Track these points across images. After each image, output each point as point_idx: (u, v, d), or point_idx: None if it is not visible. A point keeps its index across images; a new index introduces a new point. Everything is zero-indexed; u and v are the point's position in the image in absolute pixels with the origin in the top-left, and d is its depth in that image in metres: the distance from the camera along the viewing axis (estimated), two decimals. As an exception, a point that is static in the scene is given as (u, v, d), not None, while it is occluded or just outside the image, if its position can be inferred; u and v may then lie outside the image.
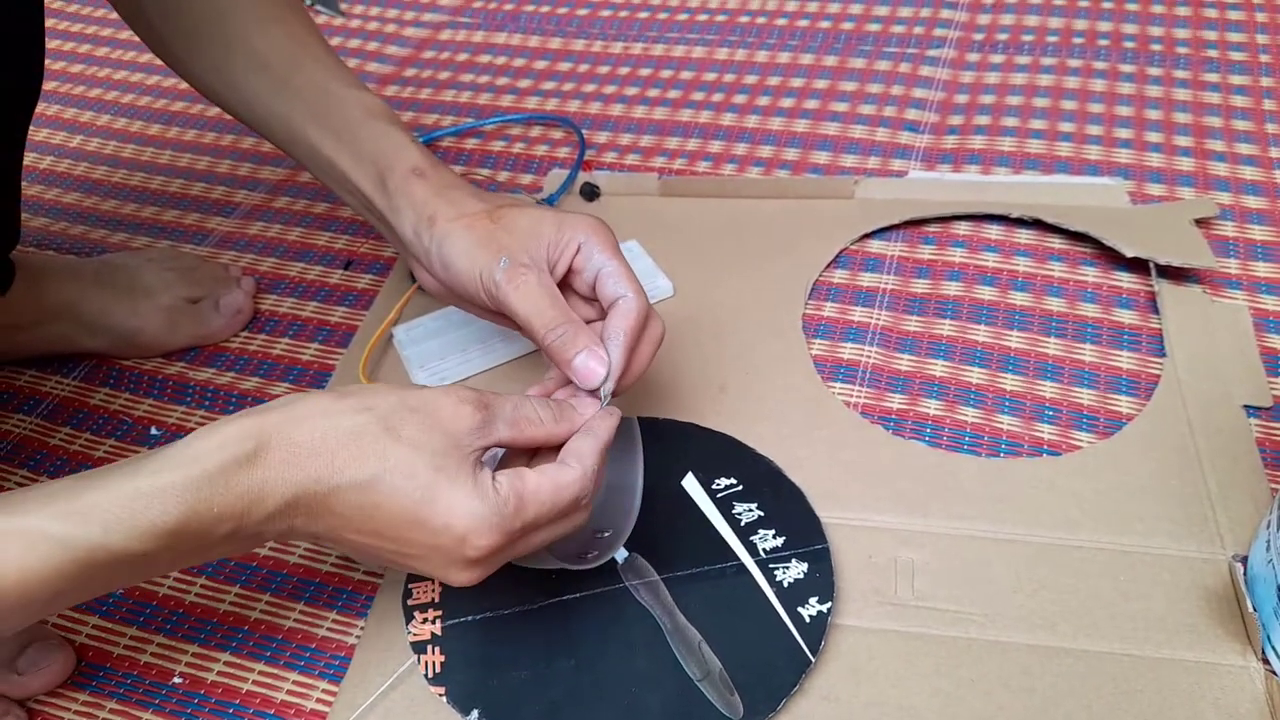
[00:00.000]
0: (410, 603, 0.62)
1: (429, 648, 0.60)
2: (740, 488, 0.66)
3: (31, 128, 0.71)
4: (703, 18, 1.20)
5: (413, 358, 0.78)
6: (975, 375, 0.75)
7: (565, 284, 0.61)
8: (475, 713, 0.57)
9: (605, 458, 0.55)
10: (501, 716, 0.57)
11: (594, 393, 0.57)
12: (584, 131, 1.01)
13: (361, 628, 0.64)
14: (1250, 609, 0.58)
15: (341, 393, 0.51)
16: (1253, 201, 0.88)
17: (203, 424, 0.75)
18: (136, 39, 0.72)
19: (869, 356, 0.77)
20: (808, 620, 0.59)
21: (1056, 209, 0.86)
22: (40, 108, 1.12)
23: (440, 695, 0.58)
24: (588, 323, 0.60)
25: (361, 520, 0.49)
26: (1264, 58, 1.05)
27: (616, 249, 0.60)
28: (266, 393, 0.80)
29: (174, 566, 0.48)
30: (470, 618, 0.61)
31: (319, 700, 0.61)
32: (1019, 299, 0.81)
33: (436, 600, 0.62)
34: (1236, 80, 1.03)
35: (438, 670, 0.59)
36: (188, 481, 0.46)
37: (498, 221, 0.60)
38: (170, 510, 0.45)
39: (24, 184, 0.85)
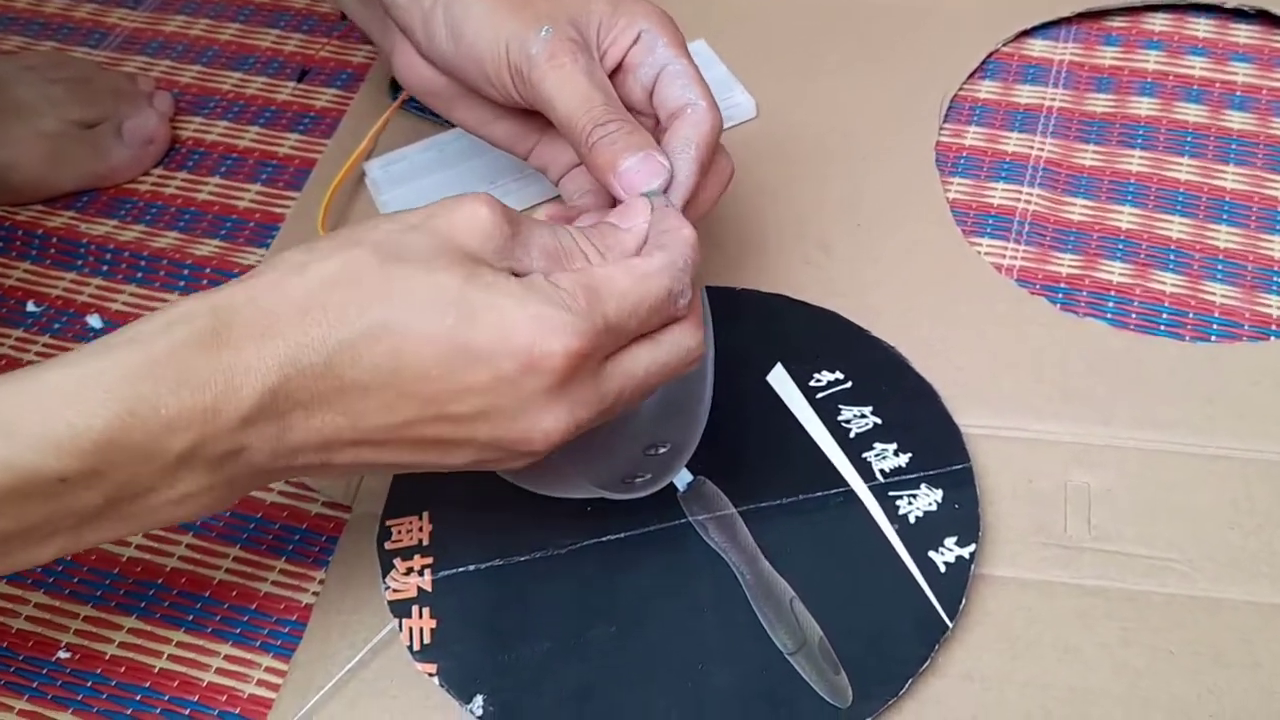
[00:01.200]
0: (389, 546, 0.61)
1: (415, 609, 0.59)
2: (849, 385, 0.66)
3: None
4: None
5: (392, 203, 0.77)
6: (1176, 227, 0.75)
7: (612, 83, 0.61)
8: (479, 699, 0.56)
9: (697, 262, 0.53)
10: (514, 705, 0.56)
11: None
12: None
13: (320, 581, 0.63)
14: None
15: (314, 242, 0.49)
16: None
17: (101, 294, 0.77)
18: None
19: (1028, 201, 0.77)
20: (943, 569, 0.58)
21: (1291, -7, 0.86)
22: None
23: (430, 675, 0.57)
24: None
25: (383, 383, 0.47)
26: None
27: (685, 46, 0.60)
28: (189, 252, 0.79)
29: (111, 514, 0.46)
30: (473, 567, 0.60)
31: (261, 682, 0.60)
32: (1236, 120, 0.80)
33: (426, 543, 0.61)
34: None
35: (427, 640, 0.58)
36: (123, 370, 0.44)
37: None
38: (96, 410, 0.43)
39: None
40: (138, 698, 0.60)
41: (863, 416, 0.64)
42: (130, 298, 0.76)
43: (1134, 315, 0.70)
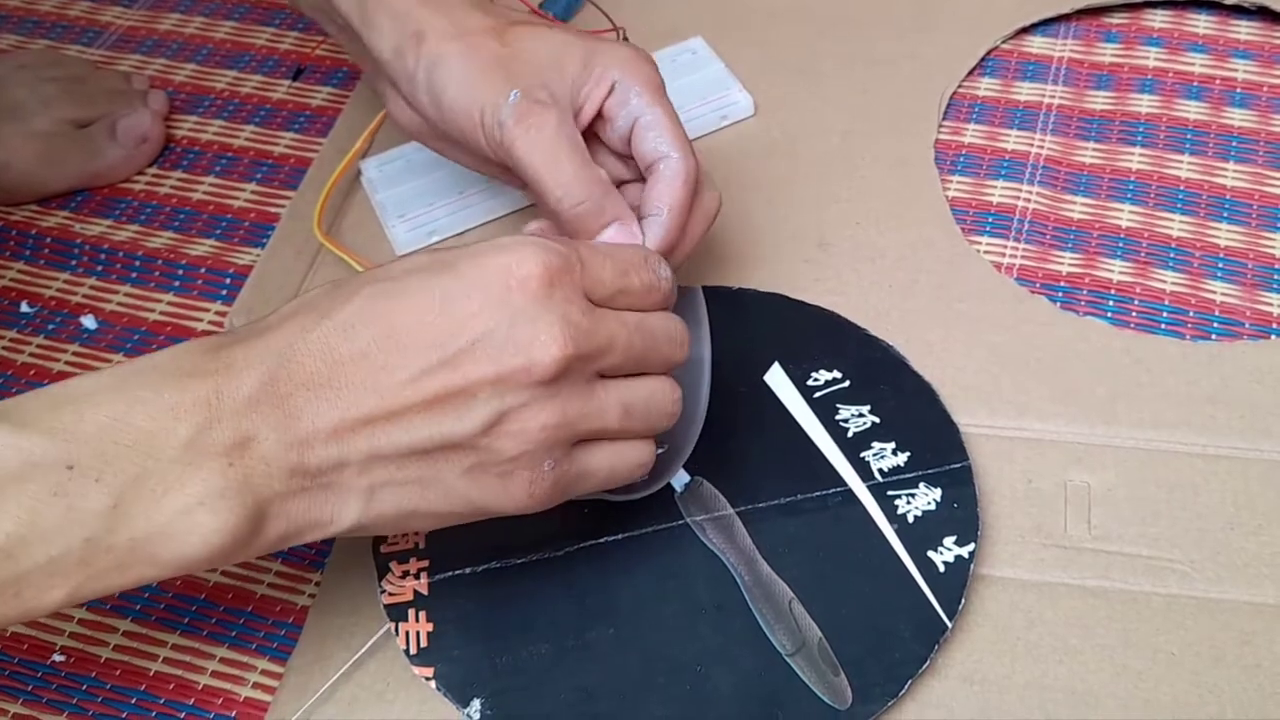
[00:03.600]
0: (385, 549, 0.61)
1: (411, 612, 0.59)
2: (847, 384, 0.66)
3: None
4: None
5: (388, 203, 0.77)
6: (1177, 225, 0.74)
7: (591, 134, 0.63)
8: (476, 703, 0.56)
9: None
10: (512, 708, 0.56)
11: None
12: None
13: (316, 584, 0.63)
14: None
15: None
16: None
17: (95, 294, 0.77)
18: None
19: (1028, 200, 0.76)
20: (942, 569, 0.58)
21: (1293, -12, 0.85)
22: None
23: (427, 679, 0.57)
24: (620, 185, 0.63)
25: (380, 345, 0.48)
26: None
27: (661, 91, 0.62)
28: (184, 251, 0.79)
29: (121, 529, 0.45)
30: (469, 570, 0.60)
31: (257, 685, 0.60)
32: (1237, 117, 0.80)
33: (422, 546, 0.61)
34: None
35: (424, 644, 0.58)
36: (130, 369, 0.47)
37: (508, 44, 0.61)
38: (102, 398, 0.46)
39: None
40: (133, 701, 0.60)
41: (861, 416, 0.64)
42: (125, 298, 0.76)
43: (1134, 314, 0.70)
